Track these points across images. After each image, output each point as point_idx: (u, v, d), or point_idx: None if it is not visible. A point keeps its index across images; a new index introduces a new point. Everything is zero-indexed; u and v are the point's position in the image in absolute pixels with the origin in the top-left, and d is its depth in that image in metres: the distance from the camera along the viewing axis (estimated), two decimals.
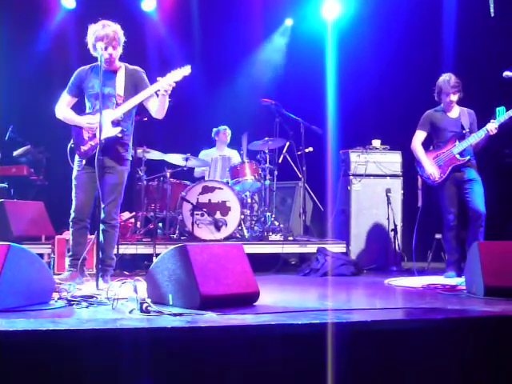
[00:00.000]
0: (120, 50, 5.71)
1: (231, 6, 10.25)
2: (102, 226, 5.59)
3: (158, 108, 5.67)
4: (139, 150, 7.95)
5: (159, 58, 10.03)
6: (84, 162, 5.67)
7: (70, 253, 5.76)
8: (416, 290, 5.73)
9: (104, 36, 5.55)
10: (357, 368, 3.55)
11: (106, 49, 5.55)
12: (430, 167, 6.81)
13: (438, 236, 7.77)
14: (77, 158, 5.74)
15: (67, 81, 5.91)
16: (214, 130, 9.35)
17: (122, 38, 5.71)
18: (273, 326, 3.57)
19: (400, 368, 3.64)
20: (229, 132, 9.34)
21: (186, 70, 5.58)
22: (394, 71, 9.46)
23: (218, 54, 10.33)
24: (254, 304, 4.57)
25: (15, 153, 8.56)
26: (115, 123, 5.61)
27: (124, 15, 9.78)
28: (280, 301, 5.04)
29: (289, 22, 10.87)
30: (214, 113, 9.94)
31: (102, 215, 5.59)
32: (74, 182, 5.73)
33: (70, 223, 5.76)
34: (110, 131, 5.56)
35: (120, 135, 5.64)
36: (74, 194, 5.72)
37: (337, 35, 9.74)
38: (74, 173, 5.74)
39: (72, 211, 5.73)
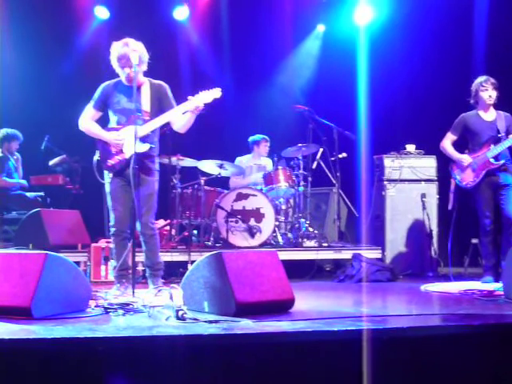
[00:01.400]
0: (143, 67, 5.69)
1: (263, 13, 10.28)
2: (142, 238, 5.72)
3: (183, 125, 5.72)
4: (173, 158, 7.98)
5: (191, 67, 10.09)
6: (111, 175, 5.71)
7: (116, 264, 5.77)
8: (453, 296, 5.69)
9: (122, 55, 5.58)
10: (393, 374, 3.53)
11: (123, 68, 5.61)
12: (465, 157, 6.77)
13: (474, 241, 7.67)
14: (106, 172, 5.77)
15: None
16: (254, 138, 9.26)
17: (145, 56, 5.68)
18: (309, 333, 3.57)
19: (436, 375, 3.61)
20: (268, 144, 9.28)
21: (216, 93, 5.61)
22: (427, 75, 9.40)
23: (251, 61, 10.36)
24: (290, 311, 4.57)
25: (51, 162, 8.65)
26: (143, 139, 5.59)
27: (157, 24, 9.92)
28: (315, 307, 5.03)
29: (321, 28, 10.86)
30: (247, 120, 9.95)
31: (139, 227, 5.68)
32: (108, 196, 5.78)
33: (112, 236, 5.81)
34: (139, 147, 5.50)
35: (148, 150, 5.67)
36: (110, 208, 5.77)
37: (369, 40, 9.70)
38: (107, 187, 5.77)
39: (111, 224, 5.78)
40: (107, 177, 5.76)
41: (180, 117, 5.68)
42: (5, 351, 3.20)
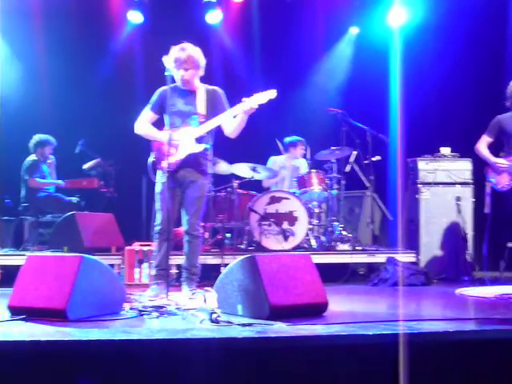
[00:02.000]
0: (200, 72, 5.93)
1: (296, 16, 10.27)
2: (186, 237, 5.88)
3: (234, 128, 5.84)
4: None
5: (224, 70, 10.11)
6: (164, 176, 5.79)
7: (155, 264, 5.89)
8: (488, 300, 5.62)
9: (176, 59, 5.76)
10: (428, 379, 3.49)
11: (180, 71, 5.78)
12: (500, 160, 6.70)
13: (510, 244, 7.58)
14: (159, 172, 5.88)
15: (134, 95, 6.06)
16: (291, 139, 9.22)
17: (201, 61, 5.90)
18: (343, 337, 3.54)
19: (472, 380, 3.56)
20: (304, 147, 9.25)
21: (271, 94, 5.69)
22: (460, 76, 9.31)
23: (284, 64, 10.38)
24: (323, 314, 4.55)
25: (85, 166, 8.73)
26: (199, 140, 5.79)
27: (190, 28, 9.96)
28: (349, 311, 5.01)
29: (354, 31, 10.84)
30: (280, 123, 9.95)
31: (186, 227, 5.87)
32: (157, 196, 5.90)
33: (156, 235, 5.92)
34: (193, 148, 5.75)
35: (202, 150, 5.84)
36: (158, 207, 5.89)
37: (402, 42, 9.65)
38: (158, 186, 5.89)
39: (157, 223, 5.90)
40: (160, 177, 5.86)
41: (231, 120, 5.81)
42: (41, 353, 3.23)
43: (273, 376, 3.36)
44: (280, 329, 3.86)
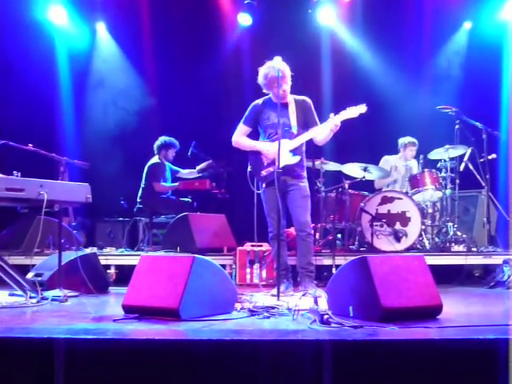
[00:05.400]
0: (288, 86, 6.19)
1: (409, 11, 10.12)
2: (299, 237, 6.21)
3: (324, 138, 6.23)
4: (317, 162, 8.00)
5: (337, 71, 10.05)
6: (264, 185, 6.23)
7: (276, 265, 6.11)
8: None
9: (275, 77, 5.95)
10: None
11: (279, 87, 5.94)
12: None
13: None
14: (259, 182, 6.31)
15: (243, 96, 6.23)
16: (402, 140, 9.14)
17: (289, 73, 6.16)
18: (457, 341, 3.44)
19: None
20: (415, 148, 9.09)
21: (362, 108, 6.05)
22: None
23: (395, 60, 10.24)
24: (437, 317, 4.44)
25: (197, 167, 8.87)
26: (294, 152, 6.17)
27: (300, 29, 9.98)
28: (464, 314, 4.86)
29: (467, 25, 10.56)
30: (391, 121, 9.83)
31: (297, 226, 6.23)
32: (264, 204, 6.32)
33: (270, 241, 6.40)
34: (289, 159, 6.15)
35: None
36: (267, 214, 6.31)
37: None
38: (262, 195, 6.32)
39: (269, 230, 6.31)
40: (260, 186, 6.30)
41: (318, 132, 6.20)
42: (154, 351, 3.29)
43: (383, 379, 3.30)
44: (392, 331, 3.79)
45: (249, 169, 6.35)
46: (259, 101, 6.40)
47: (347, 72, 10.39)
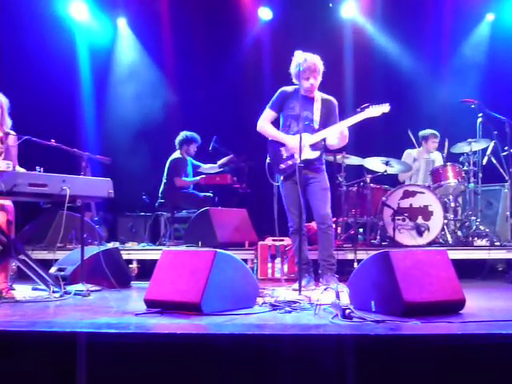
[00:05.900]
0: (320, 79, 6.16)
1: (432, 3, 10.08)
2: (320, 229, 6.18)
3: (336, 142, 6.18)
4: (338, 156, 7.97)
5: (361, 65, 10.00)
6: (282, 177, 6.20)
7: (297, 259, 6.11)
8: None
9: (306, 69, 6.00)
10: None
11: (307, 79, 6.04)
12: None
13: None
14: (277, 175, 6.26)
15: (264, 91, 6.22)
16: (423, 133, 9.08)
17: (322, 68, 6.14)
18: (480, 336, 3.41)
19: None
20: (437, 140, 9.04)
21: (385, 108, 6.01)
22: None
23: (418, 53, 10.19)
24: (460, 312, 4.41)
25: (219, 162, 8.87)
26: (314, 147, 6.15)
27: (321, 23, 9.95)
28: (486, 309, 4.83)
29: (490, 17, 10.47)
30: (412, 114, 9.77)
31: (318, 219, 6.18)
32: (284, 199, 6.26)
33: (291, 236, 6.31)
34: (310, 154, 6.12)
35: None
36: (286, 208, 6.25)
37: None
38: (281, 189, 6.27)
39: (289, 224, 6.24)
40: (279, 179, 6.25)
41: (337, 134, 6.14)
42: (176, 345, 3.30)
43: (405, 373, 3.28)
44: (414, 326, 3.77)
45: (267, 160, 6.30)
46: (289, 88, 6.29)
47: (369, 65, 10.35)
